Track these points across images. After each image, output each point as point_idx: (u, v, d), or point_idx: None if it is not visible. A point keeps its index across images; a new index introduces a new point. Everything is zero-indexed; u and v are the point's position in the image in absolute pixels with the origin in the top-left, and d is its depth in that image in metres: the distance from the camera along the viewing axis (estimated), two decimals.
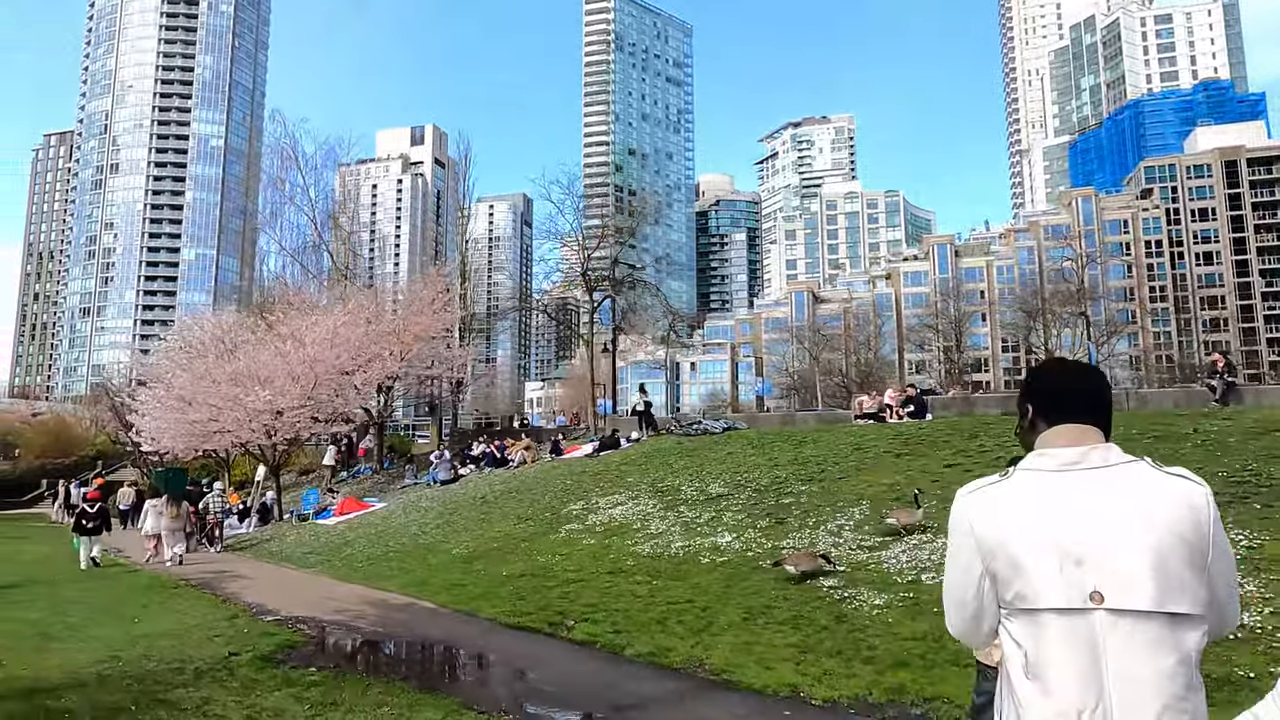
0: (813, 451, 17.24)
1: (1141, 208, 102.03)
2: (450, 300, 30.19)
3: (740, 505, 14.36)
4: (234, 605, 11.68)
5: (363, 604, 11.67)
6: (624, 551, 13.12)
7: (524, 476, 22.44)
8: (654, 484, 17.57)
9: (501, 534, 16.30)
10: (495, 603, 11.09)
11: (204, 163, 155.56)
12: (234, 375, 22.61)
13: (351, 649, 9.11)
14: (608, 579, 11.71)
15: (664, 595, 10.33)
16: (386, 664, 8.48)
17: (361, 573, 15.20)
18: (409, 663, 8.84)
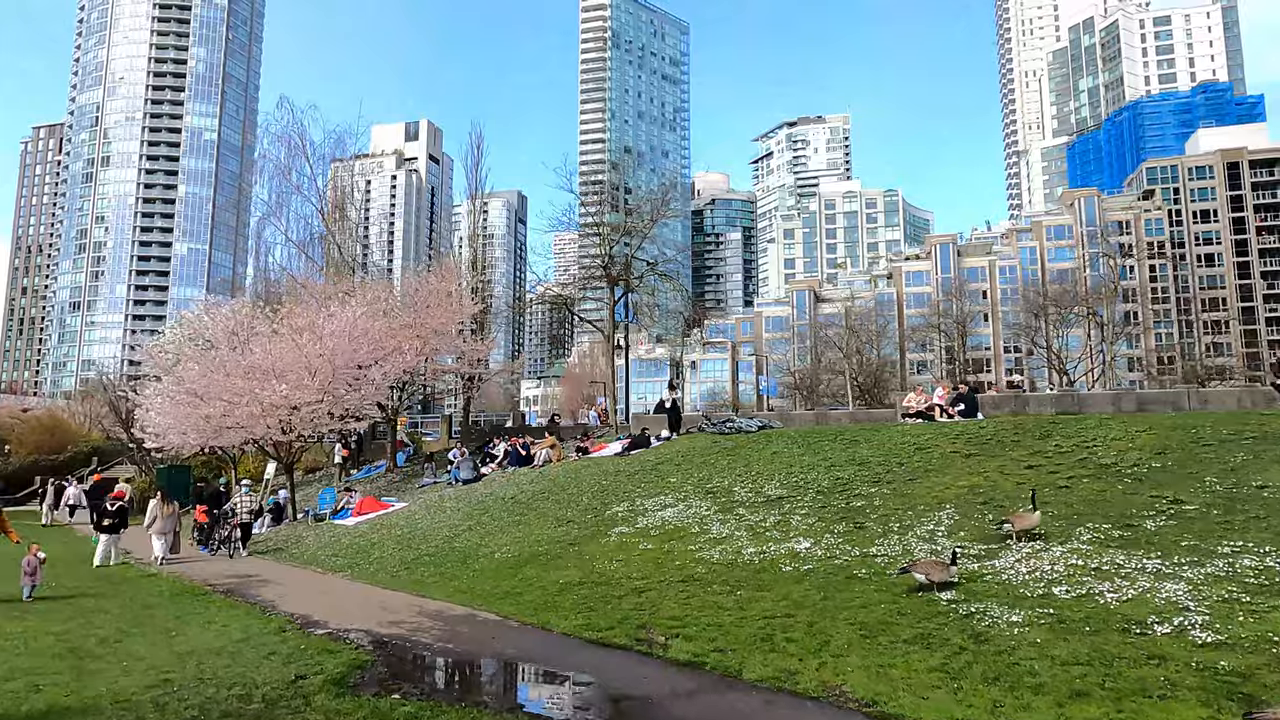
0: (869, 451, 16.41)
1: (1144, 209, 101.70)
2: (467, 292, 29.18)
3: (806, 508, 13.51)
4: (276, 616, 10.72)
5: (416, 614, 10.73)
6: (689, 558, 12.23)
7: (553, 476, 21.50)
8: (700, 485, 16.72)
9: (545, 537, 15.37)
10: (563, 614, 10.18)
11: (197, 156, 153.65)
12: (249, 368, 21.56)
13: (429, 670, 8.20)
14: (681, 588, 10.82)
15: (755, 607, 9.44)
16: (478, 689, 7.57)
17: (400, 579, 14.26)
18: (503, 688, 7.93)
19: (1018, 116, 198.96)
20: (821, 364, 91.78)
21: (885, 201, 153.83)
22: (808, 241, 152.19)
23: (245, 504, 19.20)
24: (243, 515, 19.01)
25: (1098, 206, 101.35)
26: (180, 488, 29.80)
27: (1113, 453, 13.10)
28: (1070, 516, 10.58)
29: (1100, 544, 9.48)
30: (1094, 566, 8.81)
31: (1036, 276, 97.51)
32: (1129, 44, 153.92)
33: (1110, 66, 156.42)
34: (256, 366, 21.70)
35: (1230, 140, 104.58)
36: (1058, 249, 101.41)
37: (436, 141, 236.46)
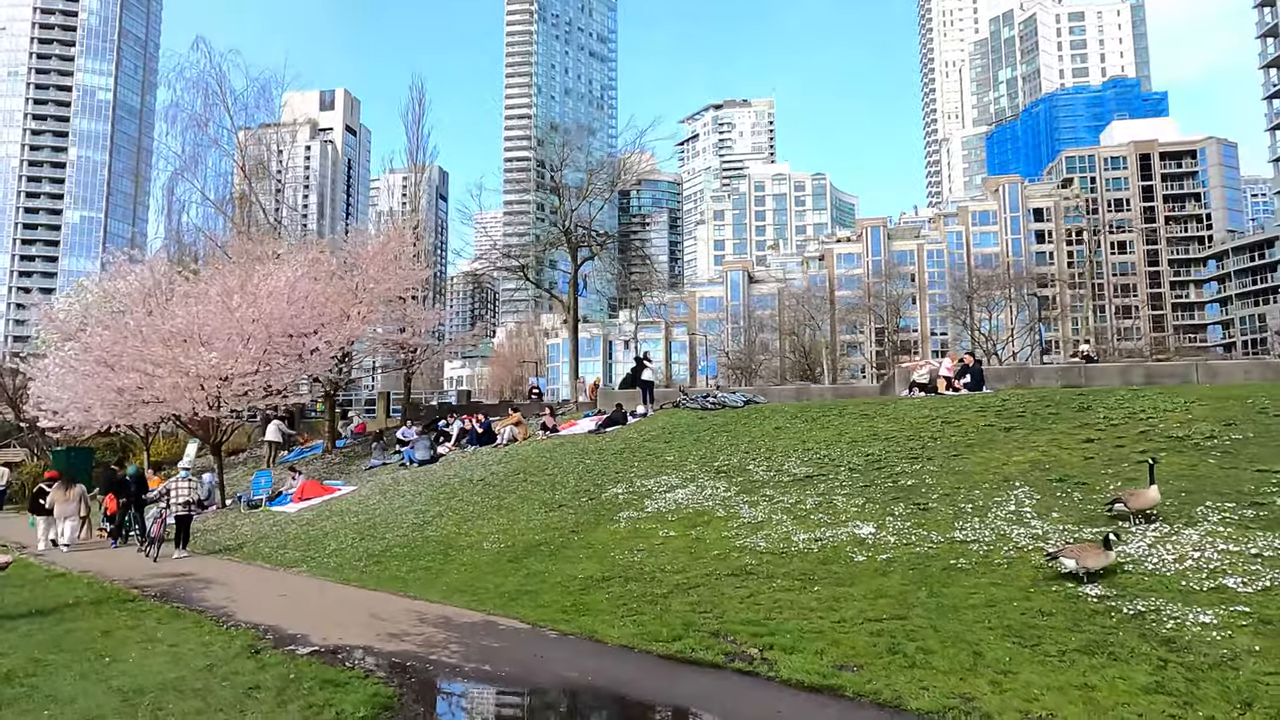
0: (890, 426, 15.04)
1: (1063, 196, 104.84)
2: (419, 255, 26.59)
3: (847, 488, 11.97)
4: (238, 629, 8.50)
5: (417, 622, 8.69)
6: (727, 546, 10.54)
7: (522, 456, 19.47)
8: (705, 463, 15.05)
9: (537, 524, 13.43)
10: (605, 619, 8.34)
11: (90, 117, 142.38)
12: (170, 334, 18.67)
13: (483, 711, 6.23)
14: (736, 583, 9.12)
15: (849, 607, 7.82)
16: None
17: (371, 574, 12.09)
18: None
19: (938, 105, 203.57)
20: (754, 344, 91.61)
21: (813, 185, 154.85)
22: (737, 223, 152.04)
23: (183, 492, 15.53)
24: (177, 506, 15.32)
25: (1020, 193, 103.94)
26: (81, 473, 26.40)
27: (1175, 424, 11.99)
28: (1178, 494, 9.30)
29: (1238, 525, 8.18)
30: (1254, 552, 7.49)
31: (963, 260, 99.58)
32: (1046, 38, 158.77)
33: (1028, 59, 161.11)
34: (179, 332, 18.83)
35: (1143, 132, 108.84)
36: (982, 234, 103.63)
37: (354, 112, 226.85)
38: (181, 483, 15.59)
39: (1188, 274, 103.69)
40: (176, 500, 15.35)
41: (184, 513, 15.46)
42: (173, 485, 15.56)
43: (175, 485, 15.55)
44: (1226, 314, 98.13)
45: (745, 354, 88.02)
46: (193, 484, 15.83)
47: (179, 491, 15.46)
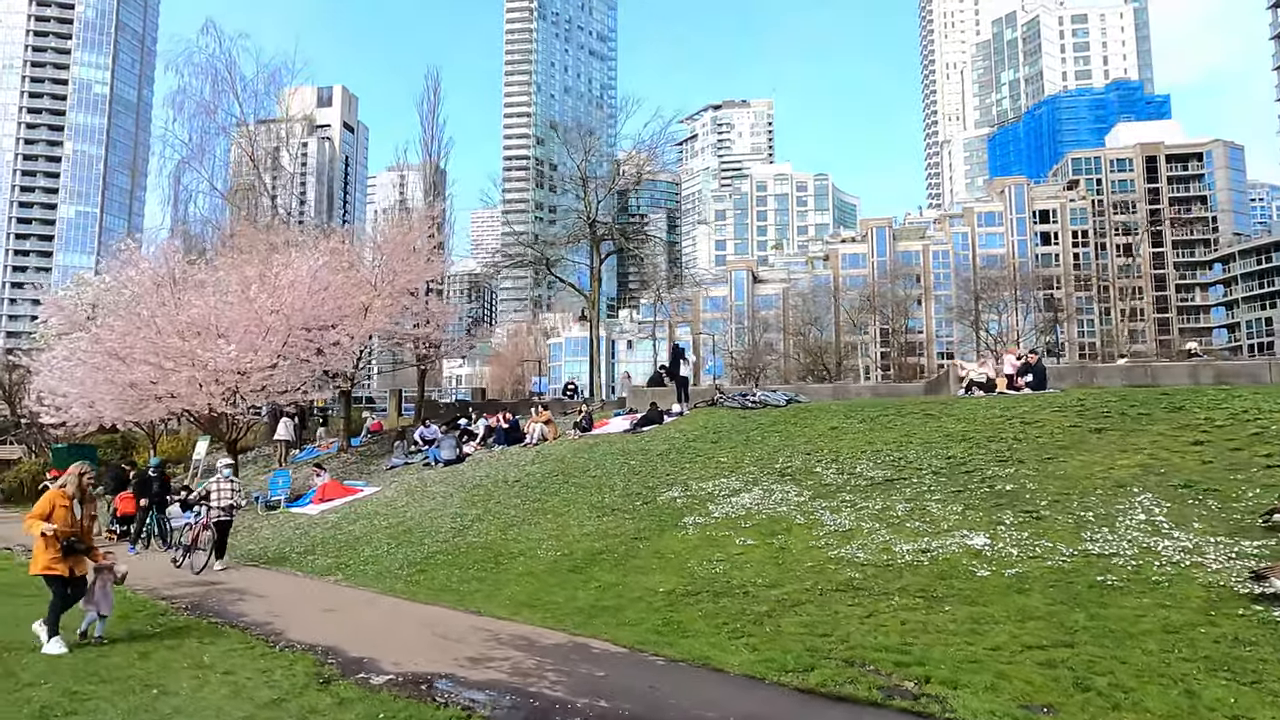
0: (960, 427, 14.09)
1: (1069, 198, 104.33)
2: (438, 246, 25.55)
3: (938, 494, 11.02)
4: (294, 651, 7.50)
5: (492, 642, 7.72)
6: (821, 557, 9.58)
7: (556, 456, 18.49)
8: (765, 465, 14.09)
9: (592, 530, 12.45)
10: (713, 642, 7.39)
11: (86, 111, 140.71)
12: (186, 325, 17.63)
13: None
14: (846, 600, 8.18)
15: (997, 632, 6.88)
16: None
17: (420, 586, 11.11)
18: None
19: (939, 107, 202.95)
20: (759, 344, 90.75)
21: (815, 185, 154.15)
22: (739, 223, 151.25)
23: (225, 495, 13.75)
24: (218, 512, 13.60)
25: (1026, 194, 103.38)
26: None
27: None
28: None
29: None
30: None
31: (968, 261, 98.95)
32: (1049, 40, 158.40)
33: (1031, 61, 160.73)
34: (196, 323, 17.78)
35: (1148, 134, 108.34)
36: (988, 235, 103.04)
37: (352, 109, 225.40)
38: (224, 483, 13.90)
39: (1193, 277, 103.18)
40: (219, 504, 13.72)
41: (225, 518, 13.87)
42: (214, 486, 13.89)
43: (218, 486, 13.87)
44: (1232, 317, 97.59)
45: (749, 354, 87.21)
46: (235, 485, 14.32)
47: (221, 494, 13.82)
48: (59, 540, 7.79)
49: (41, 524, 7.75)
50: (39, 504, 8.01)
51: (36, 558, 7.87)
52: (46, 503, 7.95)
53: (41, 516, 7.82)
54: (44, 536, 7.75)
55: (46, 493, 8.17)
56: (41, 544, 7.82)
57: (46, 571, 7.80)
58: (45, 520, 7.78)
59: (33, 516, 7.86)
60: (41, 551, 7.82)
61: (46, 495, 8.08)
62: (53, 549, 7.80)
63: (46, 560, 7.78)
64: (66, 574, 7.86)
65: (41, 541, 7.81)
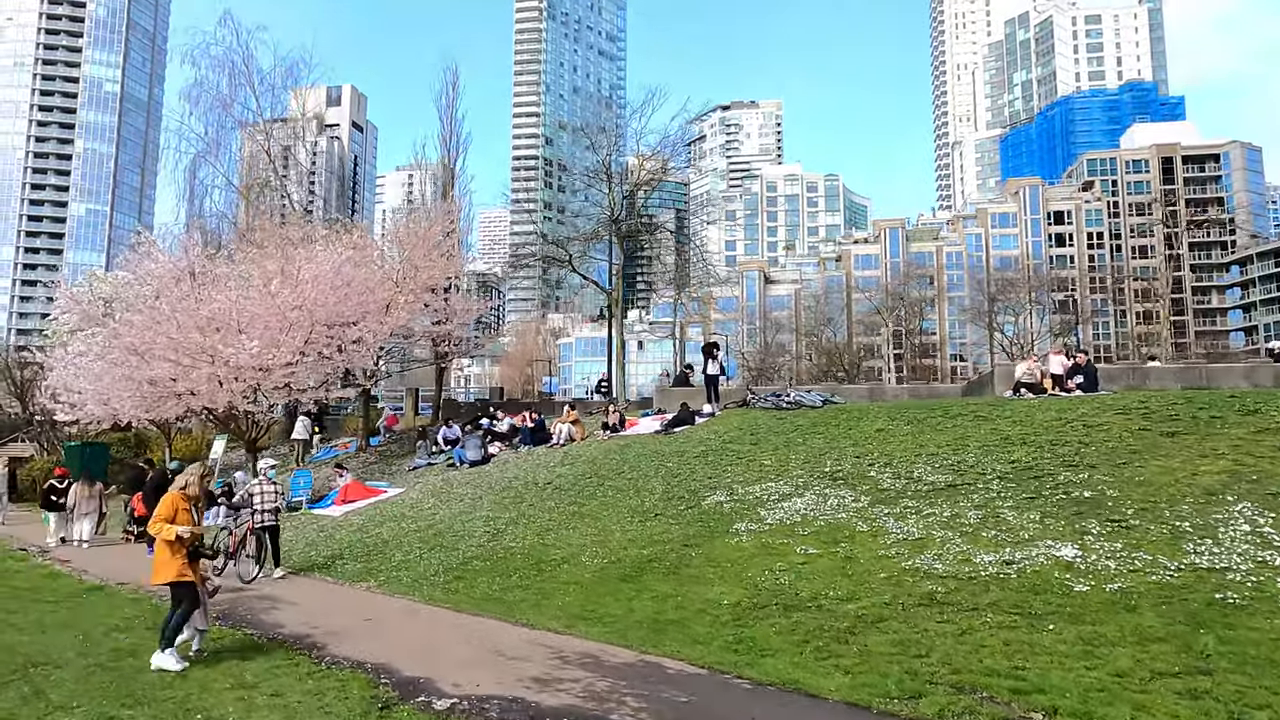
0: (1018, 430, 13.44)
1: (1084, 199, 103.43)
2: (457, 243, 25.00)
3: (1008, 500, 10.40)
4: (341, 668, 6.92)
5: (560, 662, 7.13)
6: (895, 568, 8.96)
7: (587, 457, 17.90)
8: (813, 468, 13.47)
9: (637, 536, 11.86)
10: (796, 662, 6.81)
11: (97, 109, 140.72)
12: (207, 320, 17.10)
13: None
14: (932, 615, 7.59)
15: (1113, 653, 6.28)
16: None
17: (460, 595, 10.53)
18: None
19: (949, 109, 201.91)
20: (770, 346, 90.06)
21: (826, 186, 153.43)
22: (749, 223, 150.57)
23: (269, 498, 12.62)
24: (263, 516, 12.55)
25: (1041, 195, 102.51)
26: (98, 470, 24.86)
27: None
28: None
29: None
30: None
31: (982, 262, 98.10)
32: (1062, 40, 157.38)
33: (1044, 61, 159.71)
34: (217, 317, 17.25)
35: (1165, 135, 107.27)
36: (1002, 236, 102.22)
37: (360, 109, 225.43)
38: (267, 485, 12.84)
39: (1210, 279, 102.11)
40: (263, 506, 12.64)
41: (272, 522, 12.80)
42: (256, 489, 12.84)
43: (260, 488, 12.81)
44: (1250, 320, 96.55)
45: (761, 355, 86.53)
46: (279, 486, 13.27)
47: (265, 496, 12.71)
48: (185, 545, 7.33)
49: (175, 528, 7.27)
50: (162, 507, 7.46)
51: (165, 565, 7.30)
52: (169, 505, 7.42)
53: (166, 520, 7.30)
54: (172, 542, 7.24)
55: (167, 495, 7.62)
56: (168, 550, 7.30)
57: (179, 579, 7.30)
58: (170, 523, 7.28)
59: (158, 520, 7.33)
60: (170, 558, 7.29)
61: (168, 498, 7.54)
62: (180, 555, 7.31)
63: (179, 567, 7.28)
64: (199, 581, 7.47)
65: (168, 548, 7.29)
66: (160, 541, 7.33)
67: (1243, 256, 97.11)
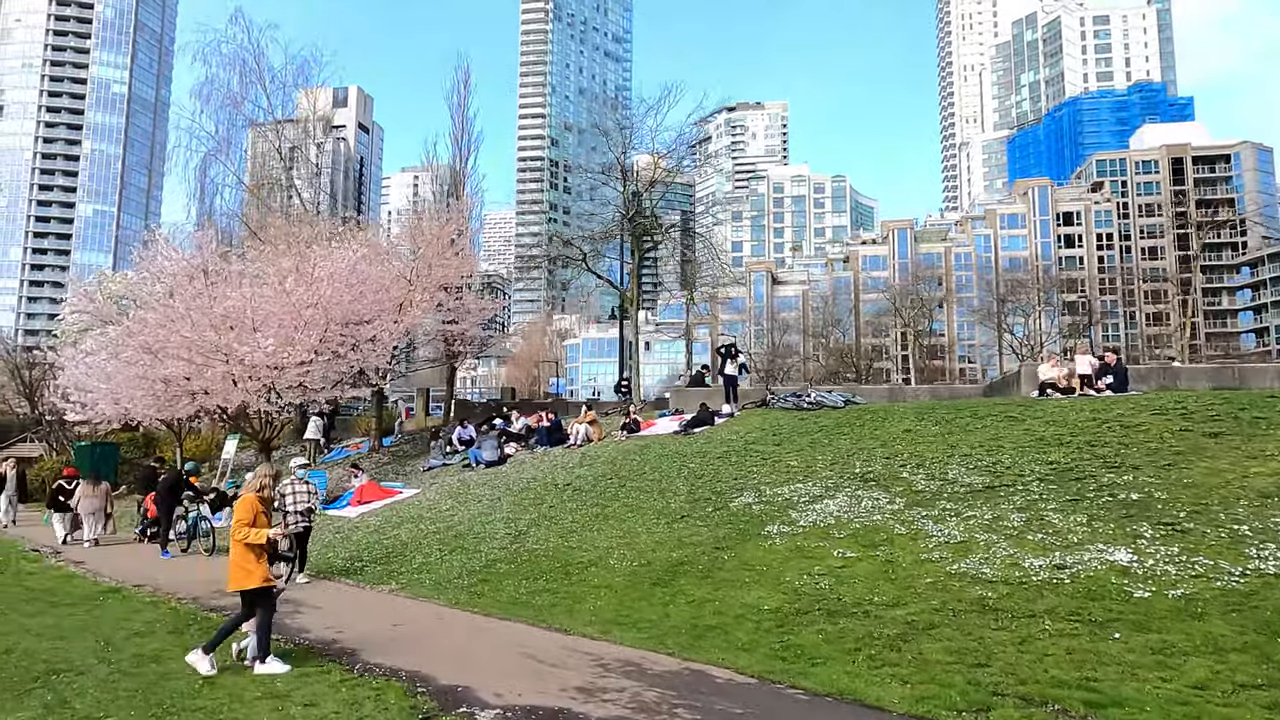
0: (1052, 430, 13.14)
1: (1093, 200, 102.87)
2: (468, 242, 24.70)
3: (1051, 502, 10.09)
4: (375, 677, 6.64)
5: (601, 670, 6.85)
6: (940, 572, 8.66)
7: (605, 458, 17.61)
8: (842, 470, 13.17)
9: (665, 538, 11.57)
10: (849, 670, 6.52)
11: (104, 110, 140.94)
12: (222, 318, 16.86)
13: None
14: (987, 621, 7.30)
15: (1187, 664, 5.99)
16: None
17: (487, 599, 10.27)
18: None
19: (955, 110, 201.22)
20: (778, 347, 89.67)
21: (833, 187, 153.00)
22: (755, 224, 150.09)
23: (301, 498, 11.77)
24: (296, 517, 11.60)
25: (1050, 196, 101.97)
26: (107, 470, 24.67)
27: None
28: None
29: None
30: None
31: (990, 263, 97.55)
32: (1070, 41, 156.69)
33: (1051, 62, 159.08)
34: (231, 315, 17.01)
35: (1174, 136, 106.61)
36: (1011, 237, 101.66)
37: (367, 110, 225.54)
38: (299, 485, 11.91)
39: (1220, 281, 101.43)
40: (296, 508, 11.72)
41: (305, 524, 11.97)
42: (288, 489, 11.78)
43: (293, 489, 11.81)
44: (1261, 321, 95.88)
45: (769, 356, 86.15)
46: (311, 487, 12.33)
47: (298, 497, 11.81)
48: (265, 550, 7.12)
49: (266, 531, 7.08)
50: (242, 511, 7.20)
51: (248, 570, 7.05)
52: (249, 509, 7.18)
53: (247, 524, 7.07)
54: (253, 546, 7.01)
55: (245, 499, 7.37)
56: (251, 555, 7.05)
57: (264, 584, 7.10)
58: (252, 527, 7.06)
59: (241, 524, 7.08)
60: (253, 563, 7.05)
61: (248, 502, 7.29)
62: (262, 559, 7.10)
63: (263, 572, 7.09)
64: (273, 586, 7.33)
65: (250, 552, 7.05)
66: (241, 547, 7.06)
67: (1254, 258, 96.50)
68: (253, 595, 7.07)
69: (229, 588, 7.26)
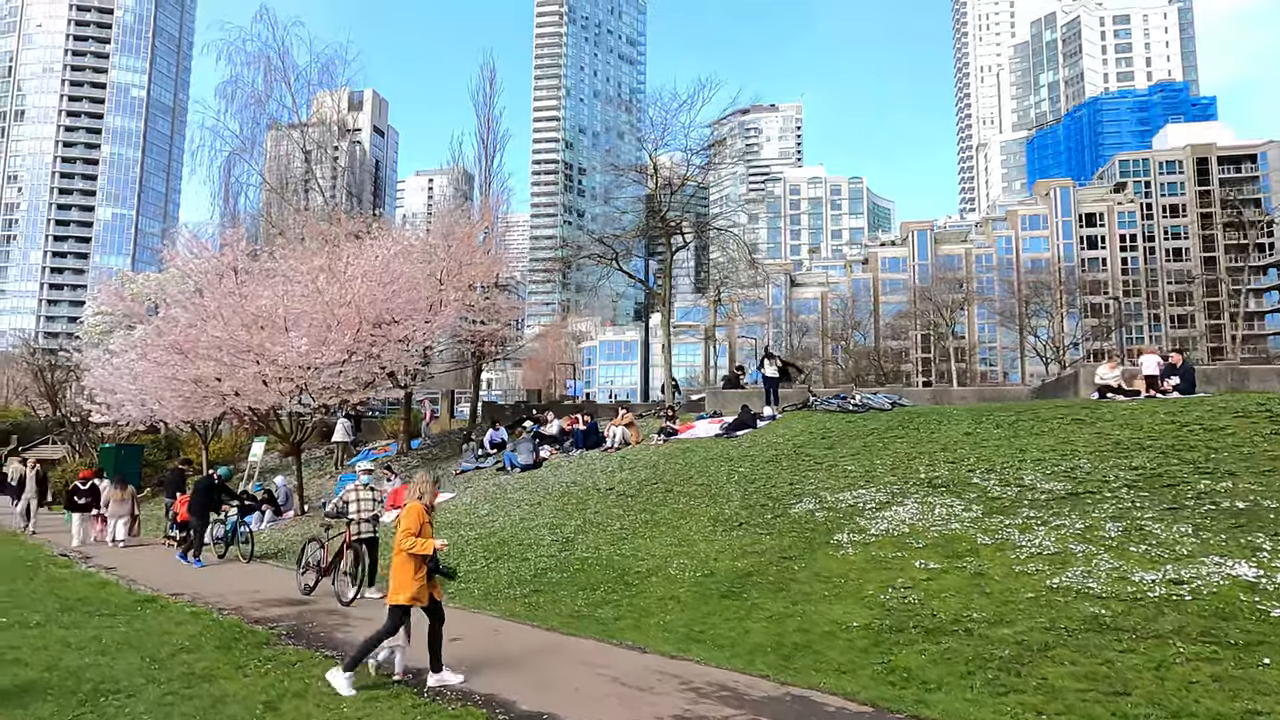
0: (1125, 433, 12.46)
1: (1116, 201, 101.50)
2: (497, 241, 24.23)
3: (1149, 511, 9.43)
4: (452, 702, 6.09)
5: (694, 696, 6.28)
6: (1038, 586, 8.05)
7: (647, 462, 17.05)
8: (905, 475, 12.55)
9: (725, 546, 11.00)
10: (974, 701, 5.93)
11: (123, 114, 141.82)
12: (254, 318, 16.42)
13: None
14: (1107, 642, 6.67)
15: None
16: None
17: (544, 611, 9.71)
18: None
19: (972, 111, 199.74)
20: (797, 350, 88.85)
21: (850, 188, 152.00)
22: (771, 226, 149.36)
23: (367, 505, 11.00)
24: (360, 526, 10.86)
25: (1072, 197, 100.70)
26: (132, 473, 24.31)
27: None
28: None
29: None
30: None
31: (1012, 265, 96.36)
32: (1090, 41, 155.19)
33: (1071, 62, 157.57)
34: (263, 314, 16.56)
35: (1199, 136, 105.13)
36: (1032, 239, 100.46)
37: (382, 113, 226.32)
38: (364, 491, 11.01)
39: (1247, 283, 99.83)
40: (361, 516, 10.94)
41: (371, 533, 11.08)
42: (352, 495, 10.98)
43: (357, 495, 10.97)
44: None
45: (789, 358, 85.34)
46: (377, 494, 11.41)
47: (362, 504, 10.97)
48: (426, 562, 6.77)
49: (430, 543, 6.70)
50: (409, 520, 6.77)
51: (409, 583, 6.66)
52: (417, 518, 6.77)
53: (414, 534, 6.68)
54: (415, 558, 6.64)
55: (412, 507, 6.91)
56: (413, 567, 6.65)
57: (412, 601, 6.71)
58: (418, 537, 6.68)
59: (409, 534, 6.67)
60: (415, 576, 6.67)
61: (415, 510, 6.85)
62: (423, 572, 6.72)
63: (427, 587, 6.77)
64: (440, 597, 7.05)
65: (413, 564, 6.65)
66: (404, 558, 6.64)
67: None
68: (402, 609, 6.70)
69: (390, 601, 6.80)
